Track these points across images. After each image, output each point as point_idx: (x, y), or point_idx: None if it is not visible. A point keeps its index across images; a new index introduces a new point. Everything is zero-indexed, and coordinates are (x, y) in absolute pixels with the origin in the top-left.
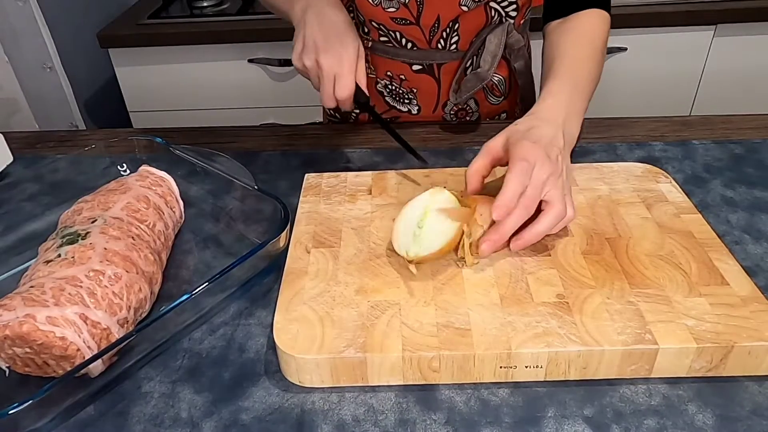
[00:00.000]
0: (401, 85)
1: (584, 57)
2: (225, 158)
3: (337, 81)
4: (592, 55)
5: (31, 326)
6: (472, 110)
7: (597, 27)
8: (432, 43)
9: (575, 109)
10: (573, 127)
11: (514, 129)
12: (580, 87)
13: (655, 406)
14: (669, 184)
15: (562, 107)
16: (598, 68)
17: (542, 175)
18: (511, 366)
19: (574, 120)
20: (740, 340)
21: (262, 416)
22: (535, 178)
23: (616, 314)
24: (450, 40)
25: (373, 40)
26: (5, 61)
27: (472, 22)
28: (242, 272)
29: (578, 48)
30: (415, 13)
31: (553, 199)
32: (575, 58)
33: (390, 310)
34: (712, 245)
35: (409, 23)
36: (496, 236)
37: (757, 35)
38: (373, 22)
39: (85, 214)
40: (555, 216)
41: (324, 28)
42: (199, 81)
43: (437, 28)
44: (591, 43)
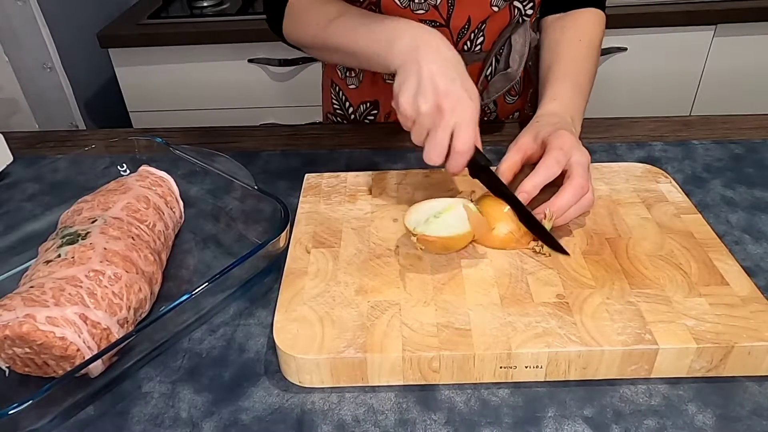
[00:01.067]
0: None
1: (582, 57)
2: (225, 158)
3: (457, 131)
4: (588, 55)
5: (31, 326)
6: (491, 111)
7: (594, 27)
8: (459, 45)
9: (578, 110)
10: (577, 124)
11: (537, 125)
12: (579, 87)
13: (655, 406)
14: (669, 184)
15: (568, 108)
16: (594, 67)
17: (584, 159)
18: (511, 366)
19: (577, 120)
20: (740, 340)
21: (262, 416)
22: (580, 162)
23: (616, 314)
24: (476, 42)
25: None
26: (5, 61)
27: (497, 21)
28: (242, 272)
29: (576, 48)
30: (445, 14)
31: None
32: (574, 59)
33: (390, 310)
34: (712, 245)
35: (438, 25)
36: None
37: (757, 35)
38: None
39: (85, 214)
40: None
41: (445, 68)
42: (199, 81)
43: (467, 29)
44: (589, 44)
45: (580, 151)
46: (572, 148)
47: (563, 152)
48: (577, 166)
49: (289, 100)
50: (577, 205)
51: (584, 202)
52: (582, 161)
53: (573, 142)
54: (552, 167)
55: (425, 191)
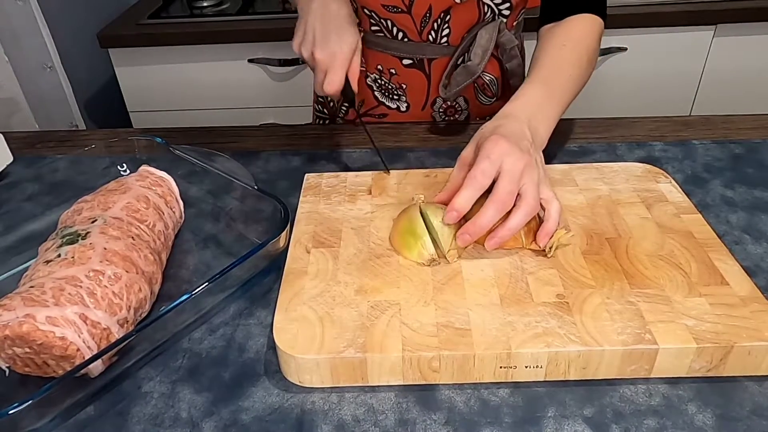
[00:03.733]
0: (390, 80)
1: (563, 61)
2: (225, 158)
3: (328, 74)
4: (575, 61)
5: (31, 326)
6: (462, 108)
7: (586, 32)
8: (423, 34)
9: (544, 113)
10: (540, 127)
11: (481, 132)
12: (554, 92)
13: (655, 406)
14: (669, 184)
15: (528, 108)
16: (581, 73)
17: (517, 165)
18: (511, 366)
19: (542, 122)
20: (740, 340)
21: (262, 416)
22: (510, 170)
23: (616, 314)
24: (441, 33)
25: (365, 30)
26: (5, 61)
27: (464, 16)
28: (242, 272)
29: (561, 53)
30: (407, 1)
31: (526, 193)
32: (555, 64)
33: (390, 310)
34: (712, 245)
35: (400, 11)
36: (473, 228)
37: (757, 35)
38: (365, 10)
39: (85, 214)
40: (527, 212)
41: (325, 20)
42: (199, 81)
43: (428, 18)
44: (574, 48)
45: (512, 157)
46: (503, 155)
47: (490, 161)
48: (504, 175)
49: (289, 100)
50: (518, 215)
51: (526, 210)
52: (513, 168)
53: (504, 148)
54: (478, 179)
55: (425, 191)
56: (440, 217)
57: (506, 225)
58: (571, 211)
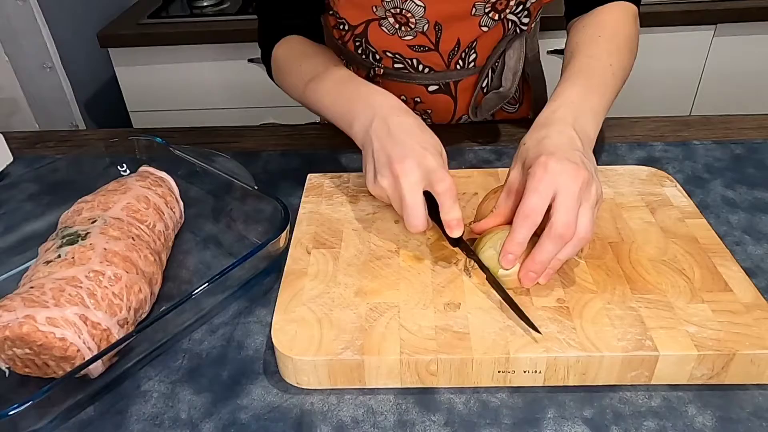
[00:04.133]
0: (415, 107)
1: (602, 52)
2: (225, 158)
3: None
4: (613, 50)
5: (31, 327)
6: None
7: (619, 20)
8: (450, 65)
9: (589, 107)
10: (587, 125)
11: (524, 149)
12: (595, 83)
13: (655, 407)
14: (674, 188)
15: (569, 108)
16: (622, 63)
17: (573, 190)
18: (510, 371)
19: (589, 118)
20: (742, 348)
21: (261, 414)
22: (566, 199)
23: (617, 320)
24: (468, 59)
25: (386, 67)
26: (5, 61)
27: (490, 38)
28: (242, 272)
29: (595, 43)
30: (433, 39)
31: (581, 225)
32: (590, 55)
33: (389, 312)
34: (716, 251)
35: (427, 50)
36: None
37: (757, 35)
38: (387, 53)
39: (85, 215)
40: (579, 244)
41: (395, 135)
42: (199, 81)
43: (456, 50)
44: (611, 38)
45: (566, 180)
46: (555, 180)
47: (540, 195)
48: (560, 206)
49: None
50: (568, 249)
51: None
52: (568, 194)
53: (555, 172)
54: (530, 218)
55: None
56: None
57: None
58: None
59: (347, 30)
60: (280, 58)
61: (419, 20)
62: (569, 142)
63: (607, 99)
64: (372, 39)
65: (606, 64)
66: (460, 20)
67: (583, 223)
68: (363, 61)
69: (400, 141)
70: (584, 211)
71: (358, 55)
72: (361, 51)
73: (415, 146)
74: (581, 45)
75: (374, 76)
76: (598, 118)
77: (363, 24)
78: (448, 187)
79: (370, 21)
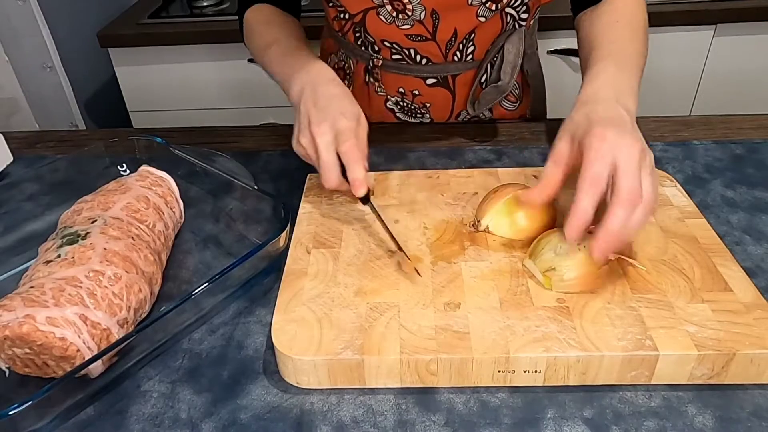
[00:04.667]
0: (414, 100)
1: (622, 37)
2: (225, 158)
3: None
4: (632, 37)
5: (31, 327)
6: (487, 117)
7: (632, 8)
8: (448, 56)
9: (627, 85)
10: (629, 102)
11: (573, 124)
12: (626, 65)
13: (655, 407)
14: (674, 188)
15: (610, 85)
16: (641, 49)
17: (634, 156)
18: (510, 370)
19: (629, 95)
20: (742, 348)
21: (260, 414)
22: (628, 164)
23: (617, 319)
24: (466, 51)
25: (384, 58)
26: (5, 61)
27: (488, 30)
28: (242, 272)
29: (614, 30)
30: (431, 28)
31: (647, 188)
32: (613, 40)
33: (389, 312)
34: (716, 250)
35: (424, 39)
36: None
37: (757, 35)
38: (385, 42)
39: (85, 215)
40: (649, 209)
41: (318, 102)
42: (199, 81)
43: (454, 41)
44: (629, 25)
45: (626, 148)
46: (614, 149)
47: (603, 161)
48: (624, 173)
49: None
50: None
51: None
52: (630, 161)
53: (613, 141)
54: (596, 185)
55: (427, 192)
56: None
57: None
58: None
59: (347, 20)
60: (249, 21)
61: (416, 7)
62: (620, 116)
63: (638, 78)
64: (370, 28)
65: (630, 47)
66: (456, 9)
67: (648, 188)
68: (362, 53)
69: (322, 107)
70: (646, 176)
71: (358, 47)
72: (361, 42)
73: (333, 112)
74: (601, 32)
75: (373, 67)
76: (636, 96)
77: (361, 13)
78: (349, 147)
79: (368, 9)
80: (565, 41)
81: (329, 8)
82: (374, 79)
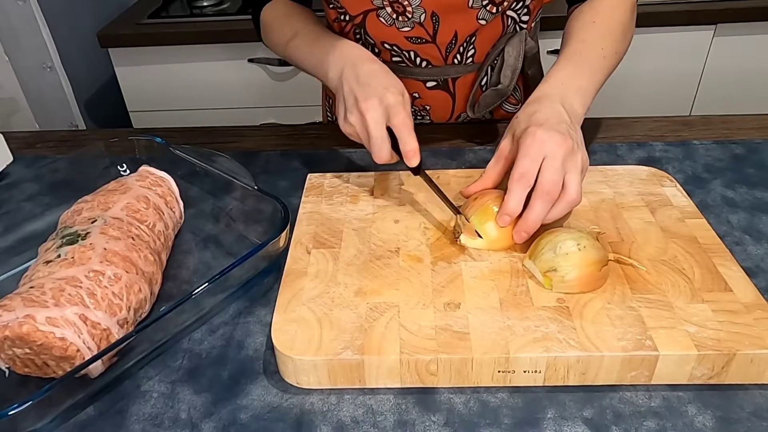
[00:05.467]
0: (413, 103)
1: (596, 36)
2: (225, 158)
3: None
4: (605, 34)
5: (31, 327)
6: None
7: (613, 8)
8: (448, 59)
9: (577, 86)
10: (575, 102)
11: (516, 122)
12: (585, 66)
13: (655, 407)
14: (674, 188)
15: (558, 85)
16: (615, 46)
17: (559, 153)
18: (510, 370)
19: (577, 97)
20: (742, 348)
21: (260, 414)
22: (552, 160)
23: (617, 320)
24: (466, 54)
25: (384, 60)
26: (5, 61)
27: (489, 33)
28: (242, 272)
29: (588, 29)
30: (431, 31)
31: (569, 184)
32: (583, 39)
33: (389, 312)
34: (716, 250)
35: (424, 42)
36: (526, 225)
37: (757, 35)
38: (386, 44)
39: (85, 215)
40: (569, 204)
41: (361, 79)
42: (199, 81)
43: (454, 44)
44: (605, 23)
45: (553, 144)
46: (543, 146)
47: (531, 158)
48: (547, 167)
49: (289, 100)
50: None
51: (567, 201)
52: (555, 156)
53: (543, 139)
54: (523, 179)
55: (428, 192)
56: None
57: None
58: (574, 214)
59: (347, 21)
60: (266, 19)
61: (416, 9)
62: (557, 116)
63: (596, 80)
64: (370, 30)
65: (598, 47)
66: (457, 12)
67: (571, 185)
68: None
69: (366, 83)
70: (571, 175)
71: None
72: (361, 44)
73: (378, 87)
74: (576, 30)
75: None
76: (587, 97)
77: (361, 15)
78: (402, 119)
79: (368, 11)
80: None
81: (329, 10)
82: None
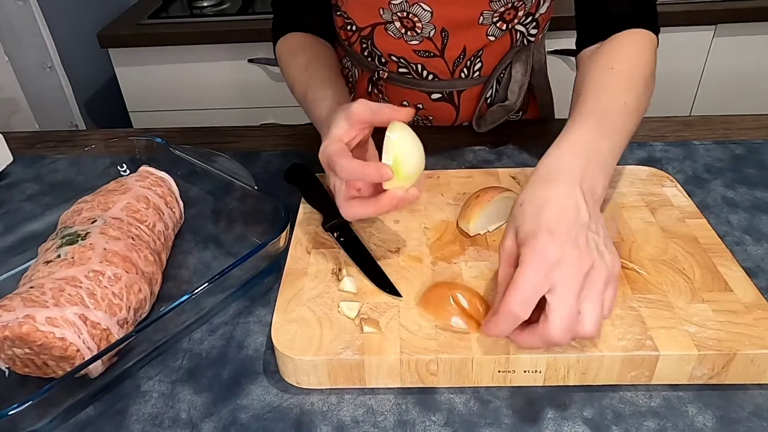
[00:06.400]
0: (417, 113)
1: (617, 88)
2: (225, 158)
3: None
4: (629, 85)
5: (31, 327)
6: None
7: (636, 50)
8: (455, 73)
9: (598, 161)
10: (596, 180)
11: (520, 213)
12: (607, 128)
13: (655, 407)
14: (674, 188)
15: (578, 161)
16: (639, 99)
17: (574, 284)
18: (510, 370)
19: (598, 172)
20: (743, 348)
21: (261, 414)
22: (565, 292)
23: (617, 320)
24: (473, 68)
25: (390, 71)
26: (5, 61)
27: (497, 48)
28: (242, 272)
29: (610, 77)
30: (439, 45)
31: (585, 317)
32: (604, 92)
33: (389, 312)
34: (716, 250)
35: (432, 56)
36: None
37: (757, 35)
38: (393, 56)
39: (85, 215)
40: (584, 336)
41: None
42: (199, 81)
43: (462, 58)
44: (626, 71)
45: (567, 267)
46: (552, 268)
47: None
48: (556, 303)
49: (289, 100)
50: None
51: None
52: (569, 287)
53: (552, 257)
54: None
55: (428, 192)
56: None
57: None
58: None
59: (354, 31)
60: (279, 53)
61: (426, 25)
62: (573, 214)
63: (619, 143)
64: (378, 42)
65: (621, 102)
66: (467, 28)
67: (587, 318)
68: (368, 64)
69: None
70: (588, 306)
71: (364, 57)
72: (367, 53)
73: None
74: (593, 78)
75: (378, 79)
76: (609, 169)
77: (369, 27)
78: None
79: (376, 24)
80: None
81: (337, 17)
82: (378, 91)
